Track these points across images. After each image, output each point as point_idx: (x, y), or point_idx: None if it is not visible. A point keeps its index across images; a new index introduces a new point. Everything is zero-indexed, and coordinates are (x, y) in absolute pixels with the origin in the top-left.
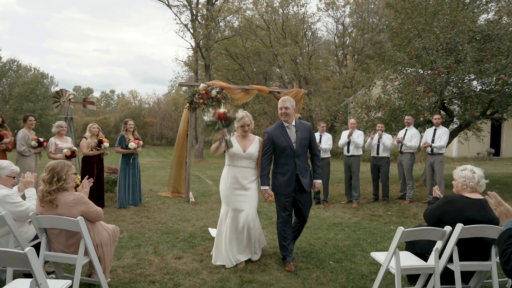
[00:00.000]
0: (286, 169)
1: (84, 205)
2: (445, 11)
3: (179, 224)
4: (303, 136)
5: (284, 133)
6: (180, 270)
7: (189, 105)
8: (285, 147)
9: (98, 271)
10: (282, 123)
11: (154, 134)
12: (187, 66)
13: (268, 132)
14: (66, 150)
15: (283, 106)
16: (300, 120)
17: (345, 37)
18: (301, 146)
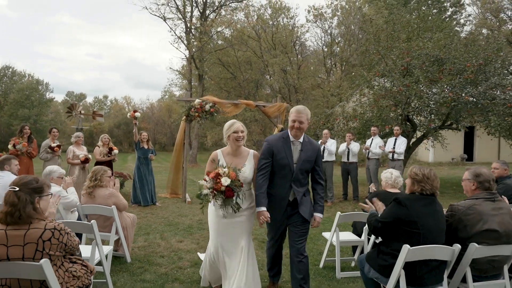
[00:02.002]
0: (278, 191)
1: (115, 197)
2: (404, 39)
3: (178, 219)
4: (307, 157)
5: (287, 149)
6: (182, 249)
7: (186, 117)
8: (284, 166)
9: (124, 245)
10: (288, 135)
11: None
12: (181, 75)
13: (269, 142)
14: (82, 156)
15: (297, 119)
16: (310, 138)
17: (333, 46)
18: (301, 170)
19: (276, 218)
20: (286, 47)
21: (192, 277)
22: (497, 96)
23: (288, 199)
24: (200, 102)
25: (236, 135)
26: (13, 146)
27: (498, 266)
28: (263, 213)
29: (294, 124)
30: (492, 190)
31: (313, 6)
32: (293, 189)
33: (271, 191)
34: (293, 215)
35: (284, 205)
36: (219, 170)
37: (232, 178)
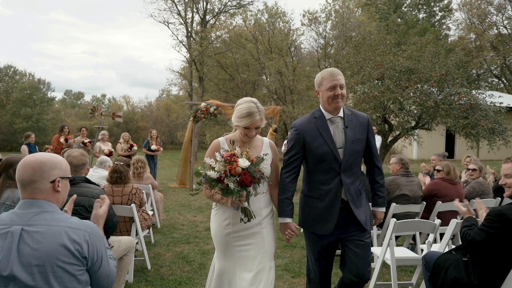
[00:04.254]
0: (324, 191)
1: (151, 179)
2: (379, 52)
3: (189, 202)
4: (356, 136)
5: (324, 131)
6: (197, 221)
7: (193, 118)
8: (325, 155)
9: (156, 215)
10: (321, 113)
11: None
12: (182, 76)
13: (297, 128)
14: (106, 150)
15: (338, 83)
16: (352, 110)
17: (327, 48)
18: (351, 154)
19: (323, 231)
20: (282, 50)
21: (206, 237)
22: (454, 101)
23: (342, 199)
24: (205, 105)
25: (248, 132)
26: (65, 141)
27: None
28: (288, 226)
29: (333, 93)
30: (408, 170)
31: (307, 10)
32: (344, 185)
33: (314, 193)
34: (347, 224)
35: (336, 209)
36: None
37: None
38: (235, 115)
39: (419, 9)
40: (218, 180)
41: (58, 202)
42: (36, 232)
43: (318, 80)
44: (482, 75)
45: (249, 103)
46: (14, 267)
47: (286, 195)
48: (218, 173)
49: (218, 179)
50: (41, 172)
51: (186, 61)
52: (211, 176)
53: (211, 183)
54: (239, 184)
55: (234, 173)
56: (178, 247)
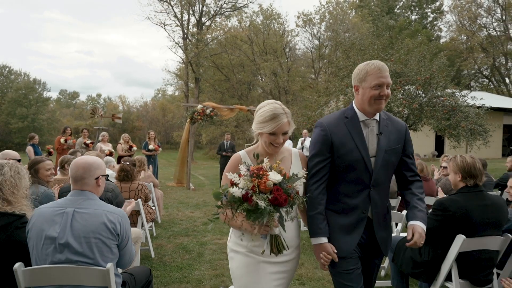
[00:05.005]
0: (348, 206)
1: (152, 178)
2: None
3: (187, 200)
4: (391, 145)
5: (356, 134)
6: (195, 216)
7: (190, 120)
8: (355, 163)
9: (157, 210)
10: (354, 113)
11: (142, 138)
12: (178, 77)
13: (323, 127)
14: (107, 151)
15: (385, 81)
16: (388, 114)
17: (322, 49)
18: (384, 165)
19: (341, 252)
20: (276, 51)
21: (203, 230)
22: (437, 104)
23: (368, 217)
24: (202, 107)
25: (275, 139)
26: (65, 141)
27: None
28: (324, 247)
29: (379, 92)
30: None
31: (302, 12)
32: (372, 201)
33: (334, 205)
34: (367, 245)
35: (360, 229)
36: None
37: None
38: (257, 121)
39: (411, 10)
40: (244, 199)
41: (98, 193)
42: (84, 213)
43: (361, 73)
44: (473, 75)
45: (273, 104)
46: (68, 237)
47: (317, 209)
48: (244, 190)
49: (244, 198)
50: (88, 171)
51: (182, 62)
52: (234, 194)
53: (234, 204)
54: (271, 203)
55: (264, 189)
56: (178, 239)
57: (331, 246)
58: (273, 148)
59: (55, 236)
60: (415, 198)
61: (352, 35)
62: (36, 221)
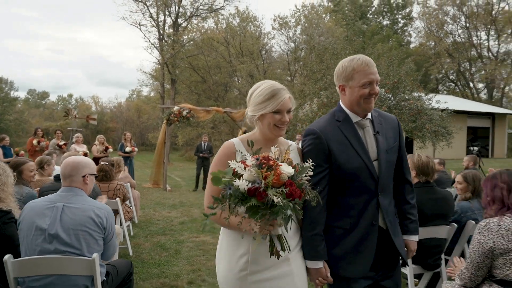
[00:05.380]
0: (355, 219)
1: (129, 178)
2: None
3: (164, 200)
4: (390, 144)
5: (353, 138)
6: (171, 216)
7: (166, 121)
8: (357, 171)
9: (134, 211)
10: (346, 115)
11: (116, 139)
12: (154, 78)
13: (317, 132)
14: (81, 152)
15: (374, 78)
16: (378, 110)
17: (297, 52)
18: (387, 167)
19: (355, 273)
20: (253, 54)
21: (180, 229)
22: (404, 107)
23: (380, 228)
24: (178, 109)
25: (280, 118)
26: (38, 143)
27: None
28: (320, 272)
29: (369, 90)
30: None
31: (278, 15)
32: (382, 208)
33: (339, 221)
34: (384, 260)
35: (372, 242)
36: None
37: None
38: (256, 102)
39: (383, 16)
40: (251, 194)
41: (87, 191)
42: (73, 207)
43: (347, 71)
44: (440, 79)
45: (269, 82)
46: (58, 229)
47: (315, 230)
48: (252, 183)
49: (251, 192)
50: (76, 169)
51: (158, 63)
52: (240, 187)
53: (237, 199)
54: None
55: (276, 183)
56: (155, 238)
57: (327, 268)
58: (278, 130)
59: (45, 228)
60: (408, 207)
61: (327, 39)
62: (27, 214)
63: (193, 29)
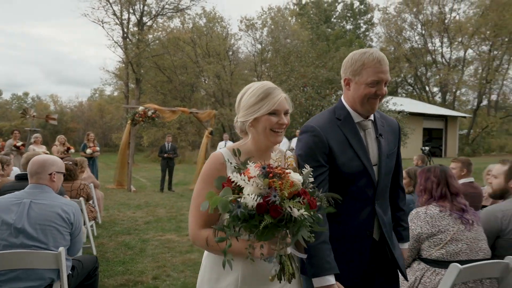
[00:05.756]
0: (348, 228)
1: (92, 178)
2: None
3: (128, 201)
4: (391, 148)
5: (354, 139)
6: (136, 216)
7: (131, 121)
8: (356, 175)
9: (98, 211)
10: (347, 113)
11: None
12: (118, 77)
13: (316, 129)
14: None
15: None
16: (380, 112)
17: (264, 53)
18: (387, 174)
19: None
20: (219, 54)
21: (146, 229)
22: None
23: (373, 239)
24: (143, 109)
25: (278, 120)
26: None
27: None
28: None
29: (375, 90)
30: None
31: (245, 16)
32: (379, 217)
33: (334, 230)
34: (379, 272)
35: (365, 255)
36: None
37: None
38: (248, 105)
39: (346, 21)
40: (262, 210)
41: (54, 188)
42: (41, 203)
43: (356, 64)
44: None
45: (261, 82)
46: (25, 223)
47: (321, 237)
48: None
49: (262, 208)
50: (43, 167)
51: (122, 62)
52: (248, 204)
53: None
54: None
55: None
56: (120, 238)
57: (340, 286)
58: (275, 136)
59: (11, 222)
60: (401, 214)
61: (292, 41)
62: None
63: (159, 28)
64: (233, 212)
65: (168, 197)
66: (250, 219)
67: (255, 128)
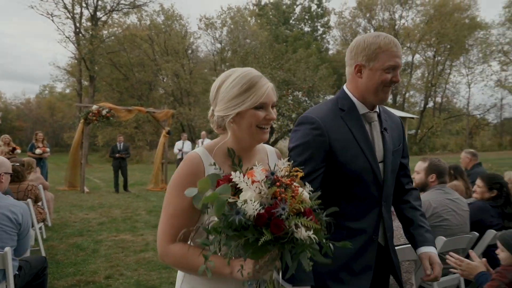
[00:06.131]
0: (352, 232)
1: (41, 179)
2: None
3: (81, 202)
4: (396, 145)
5: (359, 133)
6: (89, 218)
7: (84, 120)
8: (361, 173)
9: (47, 214)
10: (352, 103)
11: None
12: (70, 73)
13: (317, 122)
14: None
15: (400, 62)
16: (382, 106)
17: (224, 53)
18: (393, 172)
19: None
20: (178, 53)
21: (99, 230)
22: None
23: (379, 244)
24: (97, 108)
25: (265, 114)
26: None
27: None
28: None
29: (391, 76)
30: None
31: (204, 15)
32: (385, 221)
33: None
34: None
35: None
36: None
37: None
38: (228, 96)
39: (304, 23)
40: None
41: (1, 189)
42: None
43: (371, 48)
44: None
45: (242, 68)
46: None
47: None
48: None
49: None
50: None
51: (74, 58)
52: (248, 212)
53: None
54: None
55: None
56: (71, 239)
57: None
58: (261, 133)
59: None
60: (418, 214)
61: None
62: None
63: (114, 24)
64: (229, 218)
65: (123, 197)
66: (243, 230)
67: (237, 125)
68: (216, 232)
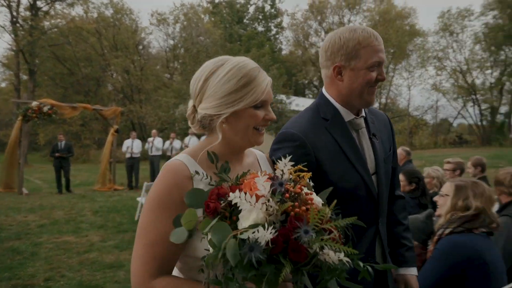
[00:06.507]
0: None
1: None
2: None
3: (19, 204)
4: (386, 149)
5: (347, 144)
6: (28, 220)
7: (22, 117)
8: (354, 189)
9: None
10: (335, 110)
11: None
12: (6, 66)
13: (301, 139)
14: None
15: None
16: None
17: (176, 50)
18: (386, 183)
19: None
20: (128, 48)
21: (39, 232)
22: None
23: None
24: (37, 104)
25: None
26: None
27: None
28: None
29: (376, 74)
30: None
31: (156, 11)
32: (382, 239)
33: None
34: None
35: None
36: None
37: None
38: (221, 91)
39: (258, 23)
40: (279, 249)
41: None
42: None
43: (349, 45)
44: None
45: (235, 58)
46: None
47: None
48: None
49: (279, 247)
50: None
51: (11, 49)
52: (261, 240)
53: (256, 270)
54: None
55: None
56: (7, 243)
57: None
58: (258, 135)
59: None
60: (401, 230)
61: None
62: None
63: (57, 15)
64: (244, 258)
65: (67, 198)
66: (259, 266)
67: (230, 125)
68: (230, 280)
